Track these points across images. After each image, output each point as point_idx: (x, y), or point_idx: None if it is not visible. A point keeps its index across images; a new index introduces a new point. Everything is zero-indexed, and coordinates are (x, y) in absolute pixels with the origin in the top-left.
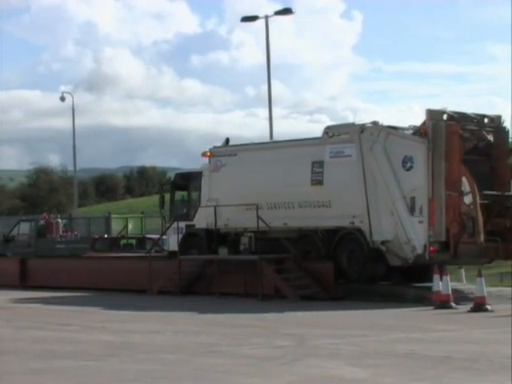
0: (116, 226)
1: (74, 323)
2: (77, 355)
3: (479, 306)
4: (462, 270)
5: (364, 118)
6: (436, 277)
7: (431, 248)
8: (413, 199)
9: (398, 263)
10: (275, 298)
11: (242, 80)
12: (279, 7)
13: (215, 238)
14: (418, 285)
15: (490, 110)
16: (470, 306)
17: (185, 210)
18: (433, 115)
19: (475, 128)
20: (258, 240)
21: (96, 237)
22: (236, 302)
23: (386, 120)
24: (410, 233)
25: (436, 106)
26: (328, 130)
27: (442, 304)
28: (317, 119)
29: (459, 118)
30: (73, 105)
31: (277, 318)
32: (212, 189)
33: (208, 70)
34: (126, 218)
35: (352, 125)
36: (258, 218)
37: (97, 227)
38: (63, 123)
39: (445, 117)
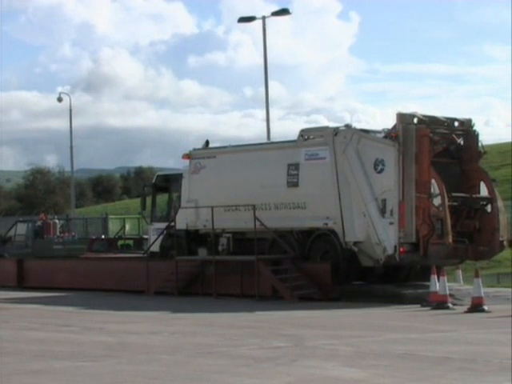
0: (113, 227)
1: (71, 324)
2: (74, 356)
3: (476, 307)
4: (459, 271)
5: (361, 119)
6: (433, 277)
7: (401, 249)
8: (384, 201)
9: (370, 264)
10: (272, 299)
11: (240, 81)
12: (276, 8)
13: (195, 238)
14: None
15: (486, 111)
16: (467, 306)
17: (165, 212)
18: (403, 119)
19: (445, 131)
20: (236, 241)
21: (93, 237)
22: (233, 303)
23: (383, 121)
24: (381, 234)
25: (433, 106)
26: (303, 133)
27: (440, 304)
28: (314, 120)
29: (429, 122)
30: (70, 106)
31: (274, 319)
32: (192, 190)
33: (205, 70)
34: (124, 219)
35: (326, 128)
36: (255, 218)
37: (94, 228)
38: (60, 124)
39: (415, 120)
